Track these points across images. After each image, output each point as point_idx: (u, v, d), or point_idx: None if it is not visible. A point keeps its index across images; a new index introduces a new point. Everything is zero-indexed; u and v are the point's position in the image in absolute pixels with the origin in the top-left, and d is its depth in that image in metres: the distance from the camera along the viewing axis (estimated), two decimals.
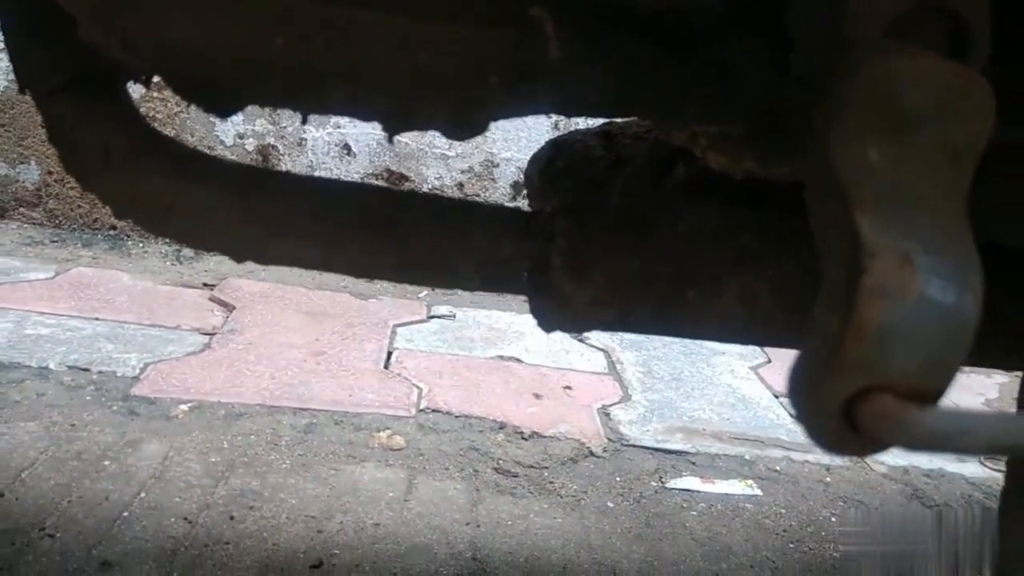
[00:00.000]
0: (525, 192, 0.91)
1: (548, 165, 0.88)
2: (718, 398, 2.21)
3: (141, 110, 0.81)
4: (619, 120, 0.91)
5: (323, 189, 0.71)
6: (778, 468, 1.88)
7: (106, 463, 1.53)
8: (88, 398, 1.76)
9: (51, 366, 1.86)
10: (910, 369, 0.33)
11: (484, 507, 1.55)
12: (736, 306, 0.69)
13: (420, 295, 2.67)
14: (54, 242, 2.66)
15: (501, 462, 1.73)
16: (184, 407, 1.77)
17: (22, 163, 2.64)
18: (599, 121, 0.89)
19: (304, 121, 0.68)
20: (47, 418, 1.66)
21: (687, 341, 2.58)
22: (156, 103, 2.65)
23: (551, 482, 1.68)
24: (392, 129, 0.64)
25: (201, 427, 1.70)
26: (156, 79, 0.73)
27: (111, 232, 2.72)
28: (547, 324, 0.73)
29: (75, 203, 2.70)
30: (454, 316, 2.50)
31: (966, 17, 0.37)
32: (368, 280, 2.66)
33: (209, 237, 0.70)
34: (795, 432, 2.07)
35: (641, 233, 0.69)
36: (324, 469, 1.61)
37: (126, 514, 1.37)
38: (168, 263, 2.63)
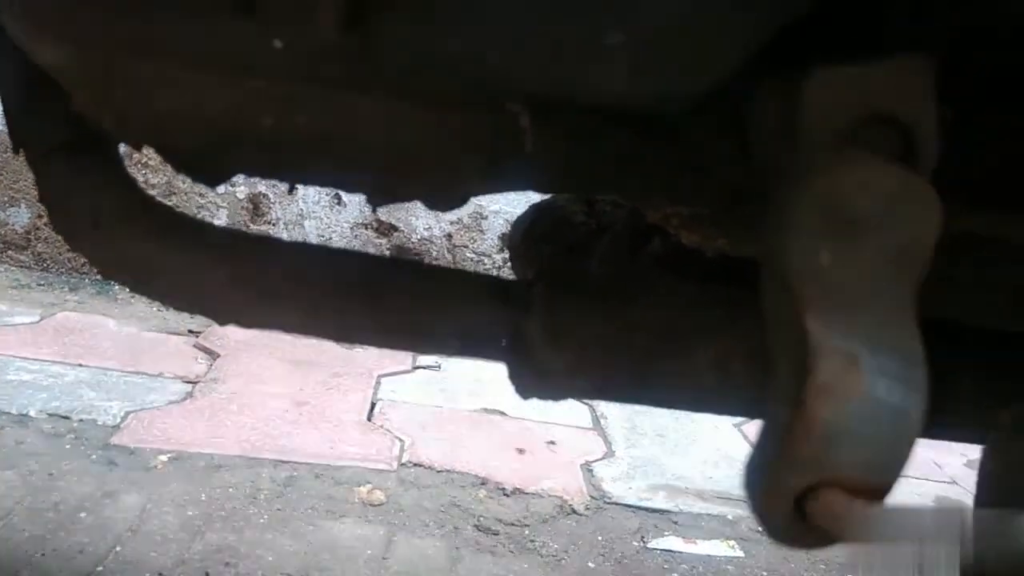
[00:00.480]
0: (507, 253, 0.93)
1: (530, 228, 0.90)
2: (701, 455, 2.21)
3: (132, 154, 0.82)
4: None
5: (304, 255, 0.73)
6: (760, 529, 1.87)
7: (82, 515, 1.51)
8: (68, 447, 1.75)
9: (31, 413, 1.85)
10: (857, 466, 0.34)
11: (463, 566, 1.54)
12: (711, 374, 0.70)
13: None
14: (41, 286, 2.66)
15: (482, 519, 1.72)
16: (164, 457, 1.75)
17: (12, 206, 2.66)
18: None
19: (291, 191, 0.70)
20: (25, 467, 1.64)
21: None
22: (146, 150, 2.68)
23: (532, 540, 1.67)
24: (375, 201, 0.66)
25: (180, 479, 1.69)
26: None
27: (98, 277, 2.72)
28: (525, 391, 0.74)
29: (63, 247, 2.71)
30: (439, 367, 2.50)
31: (916, 128, 0.39)
32: None
33: (193, 300, 0.71)
34: None
35: (617, 303, 0.71)
36: (302, 524, 1.59)
37: (100, 568, 1.35)
38: (154, 309, 2.63)
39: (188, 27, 0.50)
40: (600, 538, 1.73)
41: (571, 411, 2.35)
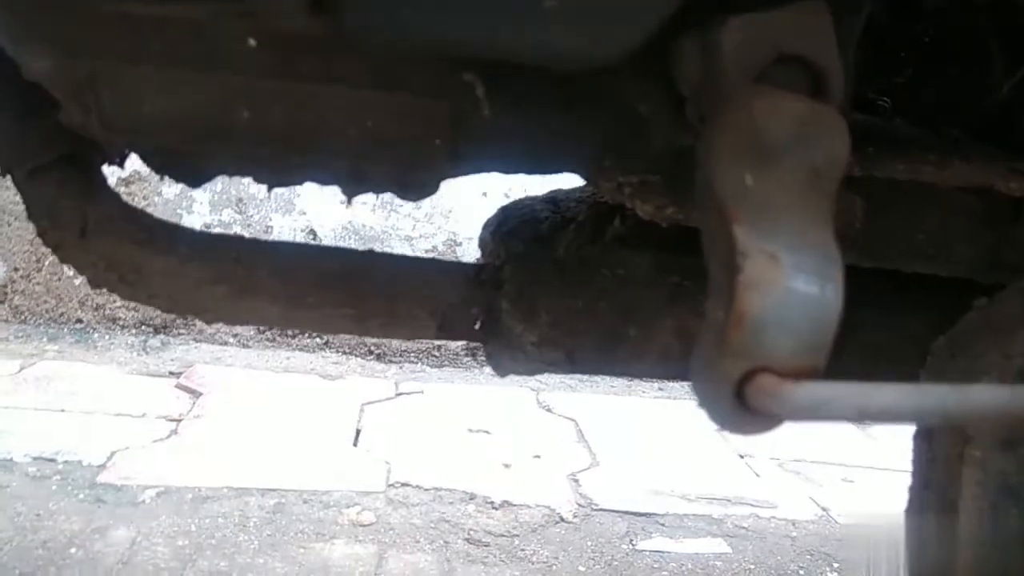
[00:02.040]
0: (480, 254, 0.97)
1: (499, 227, 0.95)
2: (684, 461, 2.24)
3: None
4: (564, 189, 0.99)
5: (284, 251, 0.77)
6: (745, 525, 1.90)
7: (72, 550, 1.51)
8: (54, 488, 1.75)
9: (15, 458, 1.84)
10: (785, 351, 0.38)
11: None
12: (673, 340, 0.75)
13: (388, 374, 2.69)
14: (19, 337, 2.66)
15: (472, 532, 1.73)
16: (151, 492, 1.76)
17: None
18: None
19: (269, 189, 0.74)
20: (12, 509, 1.63)
21: (651, 409, 2.63)
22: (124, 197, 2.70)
23: (522, 549, 1.69)
24: (349, 191, 0.70)
25: (168, 511, 1.69)
26: (128, 160, 0.79)
27: (77, 325, 2.72)
28: (501, 368, 0.78)
29: (41, 298, 2.71)
30: (422, 392, 2.52)
31: (820, 64, 0.44)
32: (337, 359, 2.68)
33: (179, 299, 0.75)
34: (761, 489, 2.10)
35: (582, 277, 0.75)
36: (293, 548, 1.60)
37: None
38: (134, 354, 2.63)
39: (165, 29, 0.55)
40: (589, 543, 1.75)
41: (555, 427, 2.38)
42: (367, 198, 2.67)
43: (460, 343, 2.77)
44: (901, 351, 0.68)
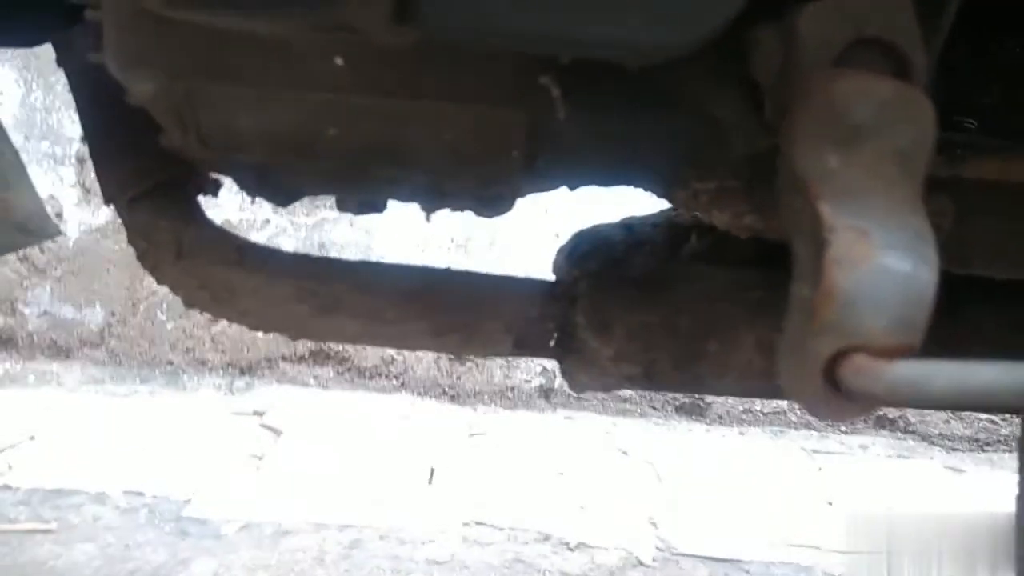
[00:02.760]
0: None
1: (573, 250, 0.95)
2: (768, 506, 2.15)
3: None
4: (638, 216, 0.99)
5: (364, 270, 0.79)
6: (836, 573, 1.80)
7: None
8: (142, 520, 1.80)
9: (108, 491, 1.91)
10: (878, 329, 0.37)
11: None
12: (755, 356, 0.73)
13: (462, 415, 2.69)
14: (114, 379, 2.78)
15: (548, 573, 1.70)
16: (233, 526, 1.79)
17: (88, 306, 2.82)
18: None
19: (356, 213, 0.77)
20: (103, 539, 1.70)
21: (732, 452, 2.54)
22: None
23: None
24: (429, 207, 0.72)
25: (249, 545, 1.72)
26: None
27: (168, 367, 2.84)
28: (577, 385, 0.78)
29: (136, 342, 2.84)
30: (496, 433, 2.51)
31: (901, 46, 0.44)
32: (412, 400, 2.71)
33: (266, 317, 0.78)
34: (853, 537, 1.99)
35: (659, 292, 0.75)
36: None
37: None
38: (221, 394, 2.72)
39: (256, 49, 0.58)
40: None
41: (632, 469, 2.33)
42: (434, 240, 2.72)
43: (534, 386, 2.76)
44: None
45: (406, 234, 2.68)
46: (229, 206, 2.69)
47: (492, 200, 0.70)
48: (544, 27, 0.42)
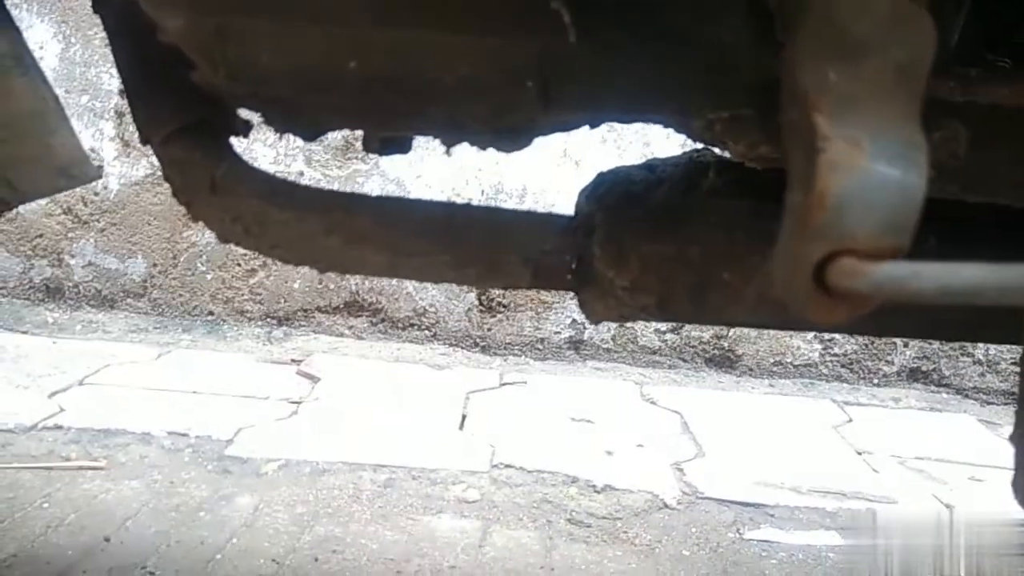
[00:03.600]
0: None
1: (595, 189, 0.97)
2: (796, 455, 2.17)
3: None
4: (660, 157, 0.99)
5: (388, 205, 0.82)
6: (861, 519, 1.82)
7: (201, 514, 1.63)
8: (186, 459, 1.89)
9: (153, 432, 2.00)
10: (867, 232, 0.38)
11: (558, 553, 1.57)
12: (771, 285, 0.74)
13: (493, 365, 2.74)
14: (157, 329, 2.88)
15: (574, 513, 1.75)
16: (273, 465, 1.87)
17: (130, 258, 2.91)
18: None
19: (381, 154, 0.79)
20: (149, 476, 1.78)
21: (761, 405, 2.55)
22: None
23: (624, 532, 1.68)
24: (448, 140, 0.74)
25: (288, 483, 1.79)
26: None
27: (208, 318, 2.93)
28: (593, 315, 0.80)
29: (177, 292, 2.93)
30: (525, 383, 2.56)
31: None
32: (444, 350, 2.76)
33: (296, 249, 0.81)
34: (880, 485, 2.01)
35: (675, 224, 0.76)
36: (402, 519, 1.66)
37: (219, 556, 1.46)
38: (260, 344, 2.80)
39: None
40: (694, 530, 1.72)
41: (659, 418, 2.36)
42: (465, 192, 2.74)
43: (563, 337, 2.79)
44: None
45: (437, 187, 2.71)
46: (263, 159, 2.73)
47: (510, 133, 0.71)
48: None
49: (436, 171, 2.71)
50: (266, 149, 2.76)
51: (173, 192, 0.85)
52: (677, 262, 0.74)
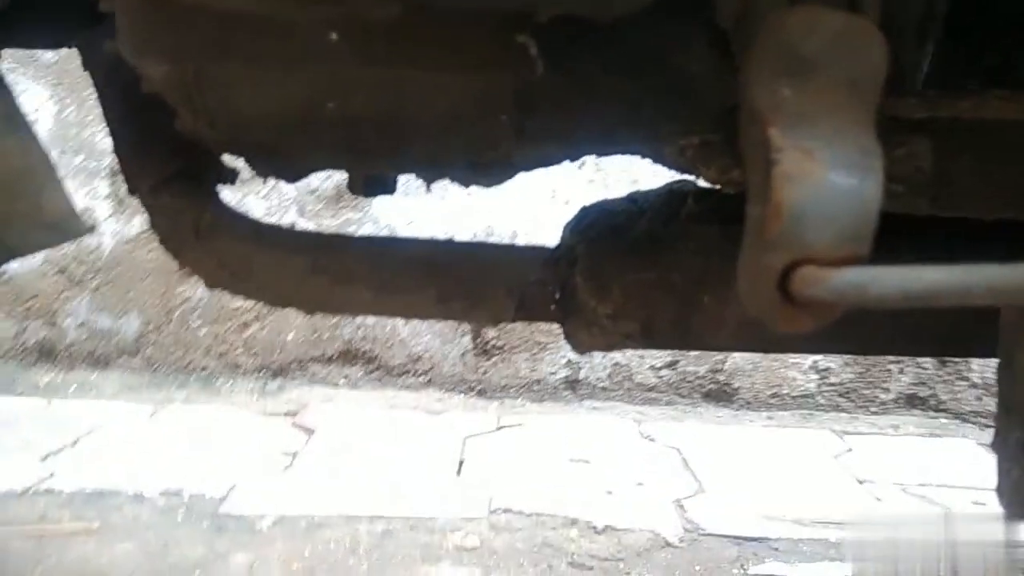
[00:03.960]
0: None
1: (578, 222, 0.98)
2: (798, 486, 2.15)
3: None
4: (643, 190, 1.01)
5: (374, 243, 0.83)
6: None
7: (196, 573, 1.60)
8: (180, 518, 1.86)
9: (146, 492, 1.97)
10: (825, 240, 0.39)
11: None
12: None
13: (489, 408, 2.73)
14: (151, 386, 2.86)
15: (575, 556, 1.72)
16: (268, 520, 1.84)
17: (124, 315, 2.91)
18: None
19: (365, 195, 0.80)
20: (142, 537, 1.75)
21: (759, 438, 2.54)
22: None
23: (627, 573, 1.66)
24: (428, 177, 0.76)
25: (284, 538, 1.77)
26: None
27: (202, 372, 2.91)
28: (580, 346, 0.80)
29: (171, 348, 2.93)
30: (523, 425, 2.54)
31: None
32: (440, 396, 2.74)
33: (283, 291, 0.82)
34: (883, 513, 1.98)
35: (655, 252, 0.77)
36: (400, 571, 1.64)
37: None
38: (254, 397, 2.78)
39: (256, 30, 0.62)
40: (697, 567, 1.70)
41: (658, 456, 2.34)
42: (457, 235, 2.76)
43: (559, 377, 2.79)
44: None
45: (428, 231, 2.73)
46: (256, 211, 2.76)
47: (488, 168, 0.73)
48: None
49: (427, 214, 2.73)
50: (259, 200, 2.79)
51: (160, 241, 0.86)
52: (658, 289, 0.75)
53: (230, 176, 0.92)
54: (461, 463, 2.22)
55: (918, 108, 0.62)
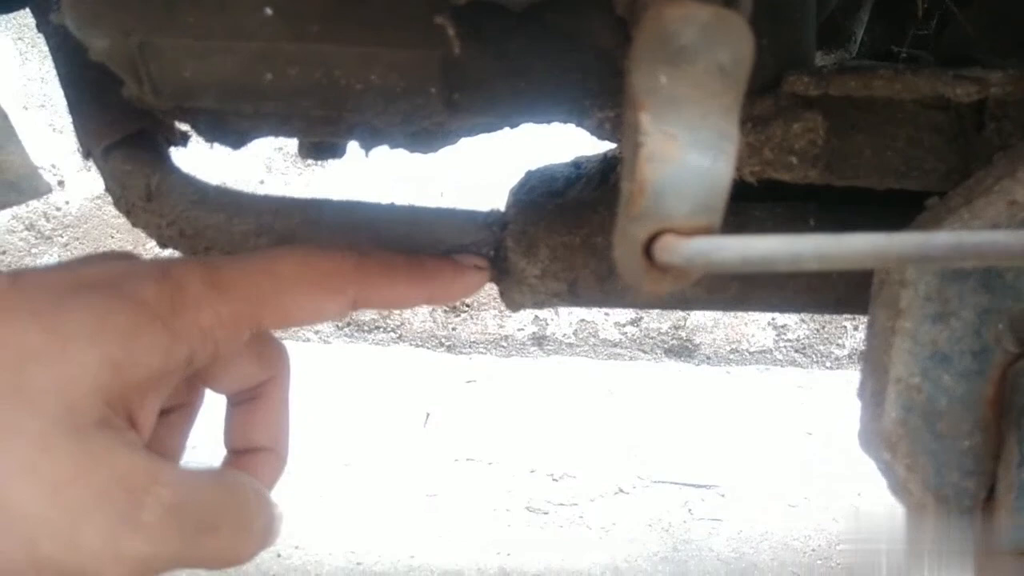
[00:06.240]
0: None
1: (520, 187, 1.03)
2: (750, 438, 2.24)
3: None
4: (588, 155, 1.06)
5: (316, 206, 0.87)
6: (807, 495, 1.90)
7: None
8: None
9: None
10: (682, 213, 0.45)
11: (515, 537, 1.62)
12: None
13: (457, 364, 2.80)
14: None
15: (532, 501, 1.81)
16: None
17: None
18: None
19: (312, 158, 0.84)
20: None
21: (719, 387, 2.63)
22: None
23: (580, 516, 1.75)
24: (366, 144, 0.80)
25: None
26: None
27: None
28: (512, 304, 0.86)
29: None
30: (490, 379, 2.61)
31: None
32: (409, 351, 2.80)
33: (229, 250, 0.86)
34: (828, 460, 2.09)
35: (582, 215, 0.82)
36: (363, 511, 1.71)
37: None
38: None
39: (196, 4, 0.66)
40: (647, 511, 1.79)
41: (618, 408, 2.43)
42: (422, 199, 2.79)
43: (527, 333, 2.85)
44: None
45: (396, 197, 2.76)
46: (225, 168, 2.77)
47: (421, 136, 0.77)
48: None
49: (396, 183, 2.76)
50: (227, 158, 2.80)
51: (114, 202, 0.90)
52: (583, 251, 0.80)
53: (182, 139, 0.95)
54: (427, 415, 2.29)
55: (811, 85, 0.67)
